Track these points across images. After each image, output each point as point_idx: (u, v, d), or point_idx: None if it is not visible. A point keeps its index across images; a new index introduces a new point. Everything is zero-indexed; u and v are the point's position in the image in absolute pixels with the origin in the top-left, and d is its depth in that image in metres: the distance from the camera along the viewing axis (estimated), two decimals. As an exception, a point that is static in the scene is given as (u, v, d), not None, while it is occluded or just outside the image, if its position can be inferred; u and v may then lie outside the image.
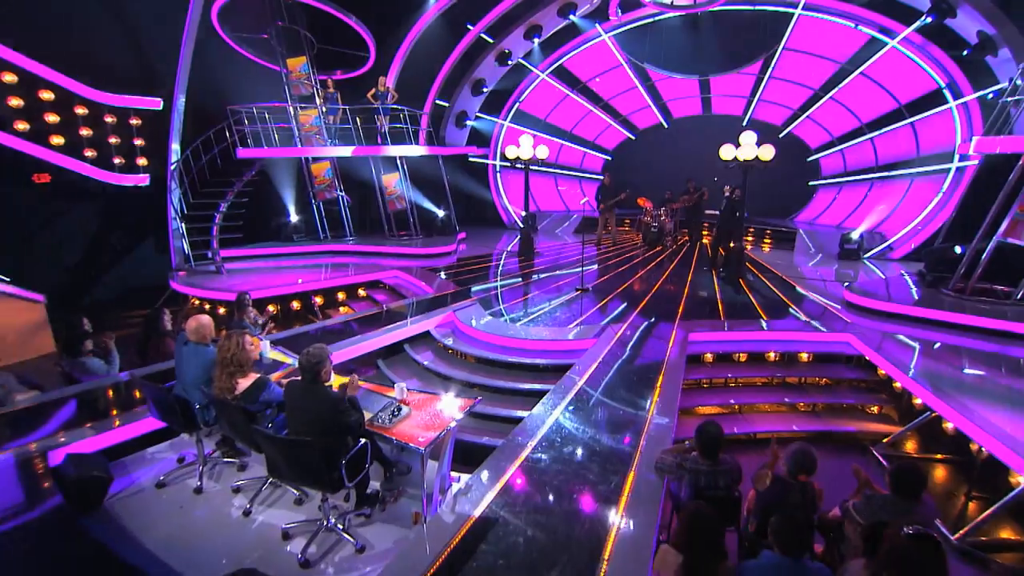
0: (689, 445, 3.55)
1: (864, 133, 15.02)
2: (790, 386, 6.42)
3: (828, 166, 16.59)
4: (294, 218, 12.51)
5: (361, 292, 10.03)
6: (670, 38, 15.92)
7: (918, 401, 5.67)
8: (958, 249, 8.80)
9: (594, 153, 20.24)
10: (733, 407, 6.03)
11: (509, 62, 15.58)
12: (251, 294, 6.74)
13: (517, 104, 17.31)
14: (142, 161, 9.62)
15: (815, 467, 3.02)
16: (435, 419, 3.65)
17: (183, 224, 9.67)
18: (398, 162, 13.19)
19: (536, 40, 15.27)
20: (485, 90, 16.05)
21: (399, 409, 3.67)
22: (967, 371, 5.68)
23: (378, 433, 3.48)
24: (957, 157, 12.10)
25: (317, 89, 11.86)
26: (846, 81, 14.35)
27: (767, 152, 9.47)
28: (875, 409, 6.03)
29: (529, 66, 16.55)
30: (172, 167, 9.99)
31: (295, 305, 9.26)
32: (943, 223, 11.81)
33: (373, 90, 12.15)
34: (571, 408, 4.64)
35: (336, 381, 3.79)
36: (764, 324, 7.23)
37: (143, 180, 9.52)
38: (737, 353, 6.77)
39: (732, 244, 10.22)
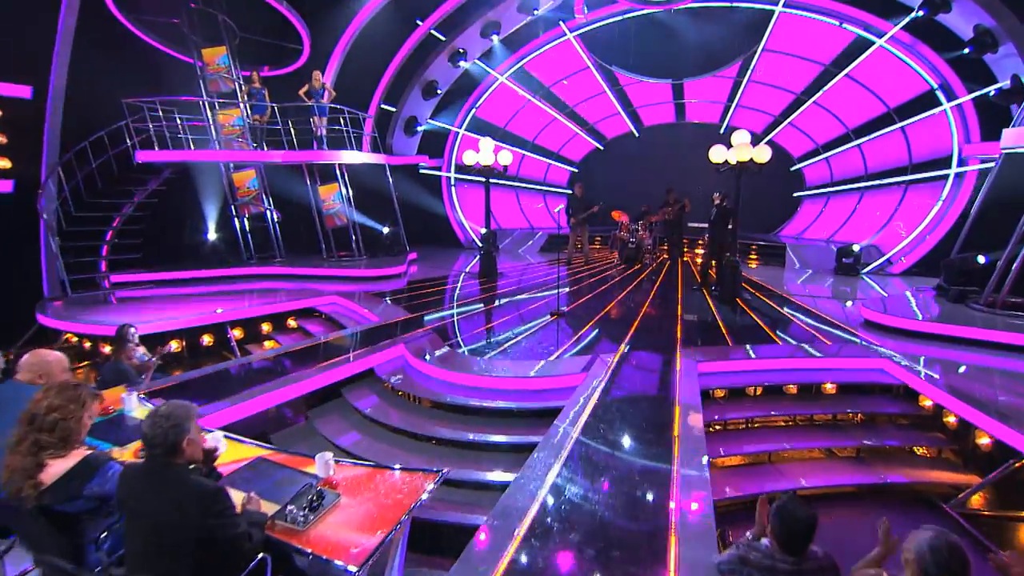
0: (750, 537, 2.58)
1: (851, 140, 14.98)
2: (822, 425, 5.58)
3: (813, 176, 16.52)
4: (211, 236, 11.16)
5: (291, 322, 8.80)
6: (641, 39, 15.61)
7: (985, 441, 4.91)
8: (981, 259, 8.34)
9: (559, 165, 19.80)
10: (761, 456, 5.13)
11: (463, 62, 14.83)
12: (150, 327, 5.50)
13: (474, 110, 16.65)
14: (3, 163, 8.18)
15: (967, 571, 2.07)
16: (378, 509, 2.55)
17: (60, 242, 8.24)
18: (337, 172, 12.07)
19: (495, 37, 14.60)
20: (438, 92, 15.24)
21: (320, 497, 2.55)
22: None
23: (287, 543, 2.34)
24: (956, 162, 11.90)
25: (240, 85, 10.71)
26: (830, 84, 14.26)
27: (763, 153, 8.91)
28: (931, 452, 5.23)
29: (487, 68, 15.92)
30: (47, 172, 8.58)
31: (206, 340, 7.94)
32: (946, 233, 11.62)
33: (306, 86, 11.10)
34: (568, 472, 3.61)
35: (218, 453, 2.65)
36: (781, 349, 6.44)
37: (4, 187, 8.08)
38: (753, 386, 5.91)
39: (726, 257, 9.53)
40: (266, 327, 8.54)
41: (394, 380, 5.72)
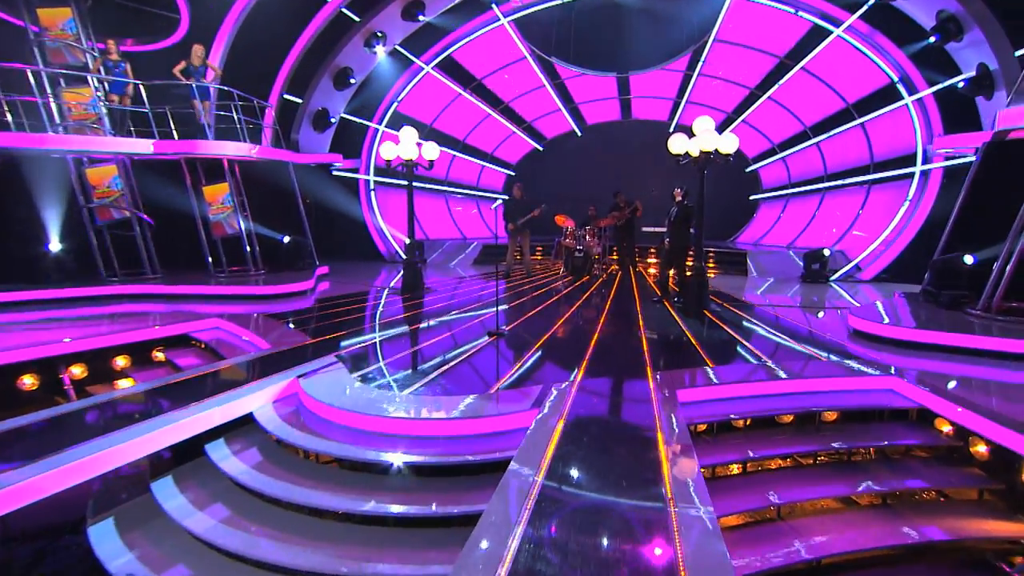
0: None
1: (808, 138, 15.10)
2: (831, 465, 4.80)
3: (770, 177, 16.57)
4: (55, 248, 9.46)
5: (157, 354, 7.35)
6: (583, 27, 15.18)
7: (1034, 476, 4.24)
8: (969, 259, 8.00)
9: (494, 167, 19.26)
10: (768, 511, 4.25)
11: (380, 47, 13.79)
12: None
13: (395, 104, 15.72)
14: None
15: None
16: None
17: None
18: (227, 170, 10.65)
19: (421, 18, 13.65)
20: (352, 82, 14.11)
21: None
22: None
23: None
24: (920, 159, 11.89)
25: (93, 57, 9.20)
26: (786, 78, 14.27)
27: (729, 143, 8.34)
28: (969, 494, 4.53)
29: (410, 55, 14.98)
30: None
31: (28, 382, 6.39)
32: (915, 235, 11.59)
33: (183, 63, 9.72)
34: (524, 570, 2.56)
35: None
36: (774, 369, 5.67)
37: None
38: (743, 418, 5.08)
39: (689, 264, 8.88)
40: (122, 361, 7.06)
41: (279, 428, 4.51)
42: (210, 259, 10.59)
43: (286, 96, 13.40)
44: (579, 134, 18.71)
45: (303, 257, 11.64)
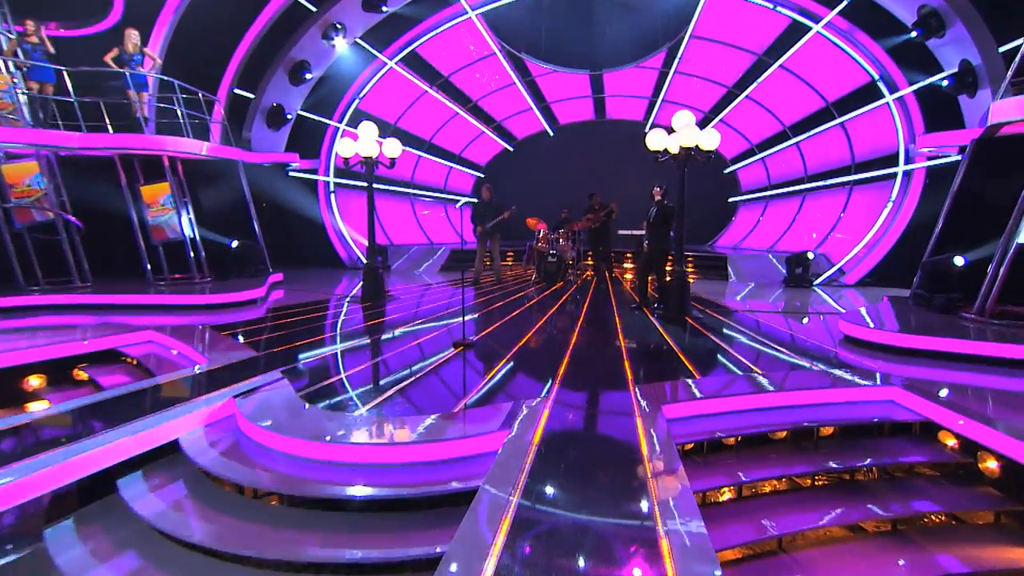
0: None
1: (788, 138, 15.05)
2: (832, 487, 4.48)
3: (748, 179, 16.58)
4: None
5: (80, 373, 6.73)
6: (555, 22, 14.95)
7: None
8: (960, 260, 7.85)
9: (462, 169, 18.99)
10: (767, 544, 3.89)
11: (339, 39, 13.30)
12: None
13: (356, 101, 15.25)
14: None
15: None
16: None
17: None
18: (168, 168, 10.01)
19: (385, 9, 13.21)
20: (309, 77, 13.58)
21: None
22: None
23: None
24: (903, 159, 11.85)
25: (8, 39, 8.53)
26: (764, 76, 14.20)
27: (710, 139, 8.10)
28: (985, 517, 4.23)
29: (372, 50, 14.51)
30: None
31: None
32: (899, 237, 11.55)
33: (115, 50, 9.10)
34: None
35: None
36: (763, 381, 5.35)
37: None
38: (734, 436, 4.74)
39: (669, 269, 8.59)
40: (36, 381, 6.43)
41: (210, 459, 4.01)
42: (148, 266, 9.95)
43: (237, 91, 12.81)
44: (551, 134, 18.53)
45: (254, 263, 11.06)
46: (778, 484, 4.42)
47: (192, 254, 10.18)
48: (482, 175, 18.79)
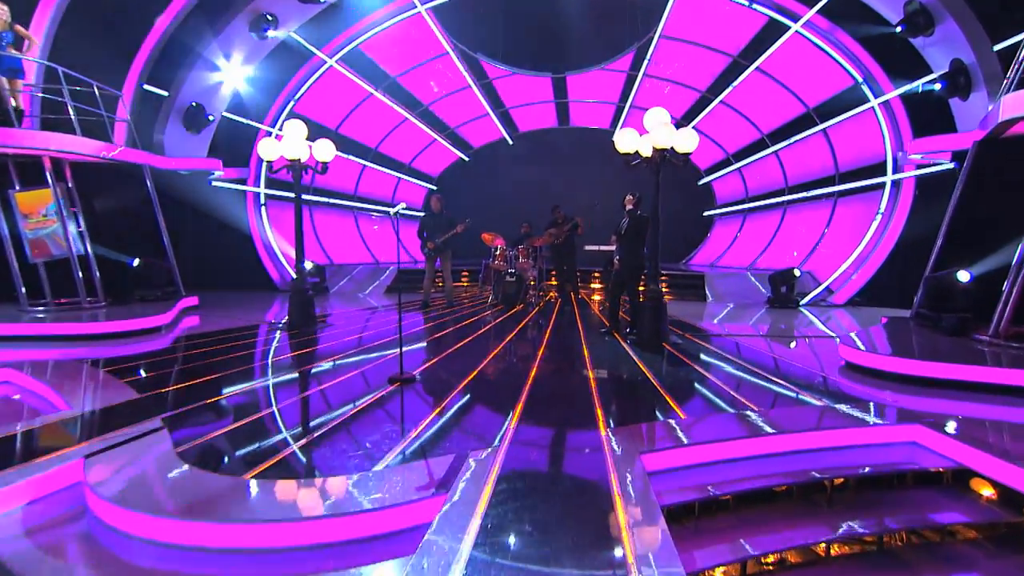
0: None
1: (766, 146, 14.89)
2: (859, 558, 3.81)
3: (725, 191, 16.60)
4: None
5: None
6: (514, 19, 14.58)
7: None
8: (964, 276, 7.43)
9: (412, 180, 18.57)
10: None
11: (272, 32, 12.54)
12: None
13: (292, 103, 14.51)
14: None
15: None
16: None
17: None
18: (50, 171, 8.94)
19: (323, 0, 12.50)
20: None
21: None
22: None
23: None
24: (891, 168, 11.71)
25: None
26: (740, 79, 14.02)
27: (687, 139, 7.57)
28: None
29: (309, 46, 13.75)
30: None
31: None
32: (890, 252, 11.32)
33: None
34: None
35: None
36: (760, 422, 4.69)
37: None
38: (729, 493, 4.05)
39: (642, 288, 8.00)
40: None
41: (29, 554, 3.10)
42: (23, 288, 8.86)
43: (147, 87, 11.86)
44: (511, 142, 18.17)
45: (160, 285, 10.06)
46: (791, 557, 3.72)
47: (81, 274, 9.13)
48: (434, 187, 18.22)
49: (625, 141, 7.76)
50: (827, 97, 13.00)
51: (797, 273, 11.52)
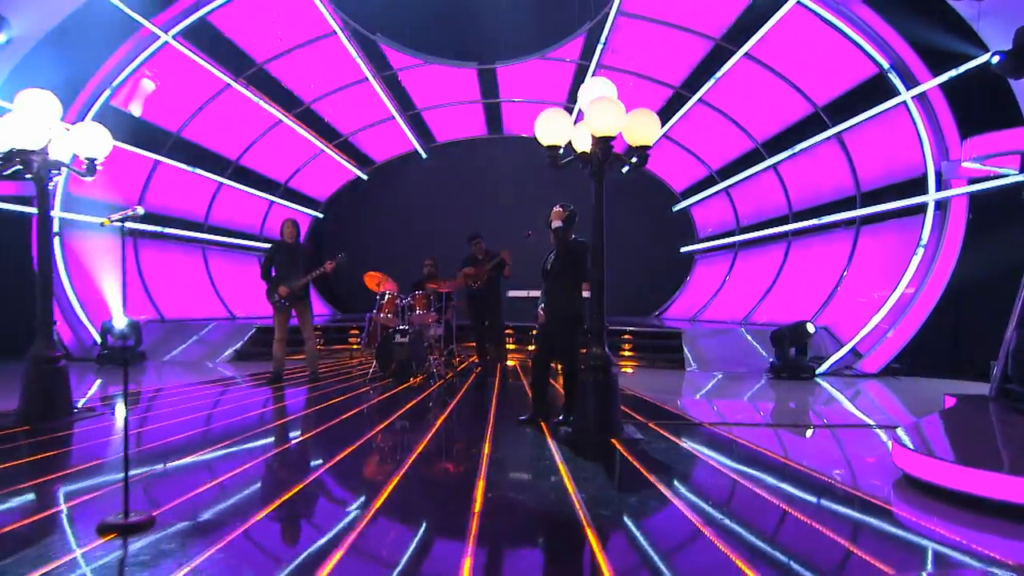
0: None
1: (762, 158, 14.48)
2: None
3: (708, 219, 16.64)
4: None
5: None
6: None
7: None
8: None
9: (289, 205, 17.92)
10: None
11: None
12: None
13: (108, 92, 13.05)
14: None
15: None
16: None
17: None
18: None
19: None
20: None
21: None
22: None
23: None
24: (933, 184, 10.87)
25: None
26: (724, 69, 13.42)
27: (642, 125, 6.46)
28: None
29: (134, 14, 12.30)
30: None
31: None
32: (938, 299, 10.48)
33: None
34: None
35: None
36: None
37: None
38: None
39: (592, 350, 6.62)
40: None
41: None
42: None
43: None
44: (424, 155, 17.98)
45: None
46: None
47: None
48: (320, 214, 17.97)
49: (550, 128, 6.74)
50: (842, 91, 12.27)
51: (811, 329, 10.50)
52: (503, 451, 5.87)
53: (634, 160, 6.58)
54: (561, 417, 6.90)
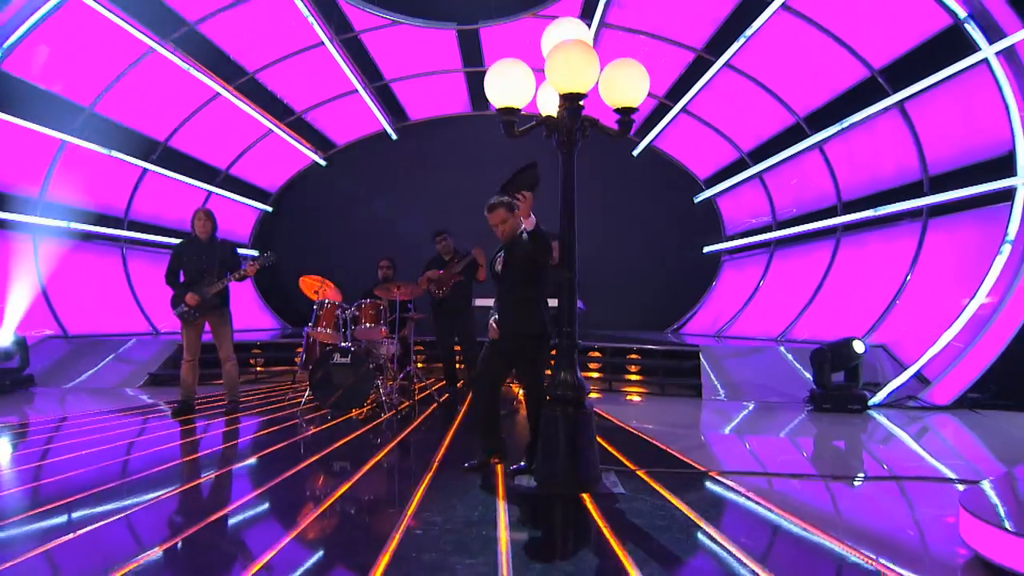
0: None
1: (804, 136, 14.30)
2: None
3: (738, 212, 16.84)
4: None
5: None
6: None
7: None
8: None
9: (231, 196, 17.83)
10: None
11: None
12: None
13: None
14: None
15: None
16: None
17: None
18: None
19: None
20: None
21: None
22: None
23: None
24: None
25: None
26: (756, 26, 13.05)
27: (627, 78, 6.17)
28: None
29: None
30: None
31: None
32: None
33: None
34: None
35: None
36: None
37: None
38: None
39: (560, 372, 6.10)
40: None
41: None
42: None
43: None
44: (395, 137, 18.19)
45: None
46: None
47: None
48: (269, 208, 17.87)
49: (504, 84, 6.43)
50: (905, 50, 11.80)
51: (860, 348, 10.03)
52: (431, 511, 5.19)
53: (628, 122, 6.19)
54: (523, 463, 6.28)
